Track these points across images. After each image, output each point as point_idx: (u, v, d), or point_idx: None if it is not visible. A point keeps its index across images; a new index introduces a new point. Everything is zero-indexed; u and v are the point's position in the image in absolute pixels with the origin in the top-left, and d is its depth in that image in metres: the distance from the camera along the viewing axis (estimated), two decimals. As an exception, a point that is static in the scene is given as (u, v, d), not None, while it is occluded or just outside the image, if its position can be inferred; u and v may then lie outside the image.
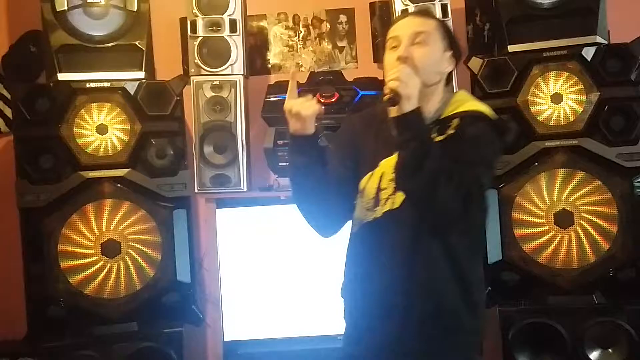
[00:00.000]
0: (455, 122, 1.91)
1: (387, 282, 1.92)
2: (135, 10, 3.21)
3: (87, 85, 3.18)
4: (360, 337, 1.99)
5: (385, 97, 1.81)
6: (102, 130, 3.18)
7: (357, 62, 3.81)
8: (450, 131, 1.90)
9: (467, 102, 1.98)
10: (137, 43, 3.22)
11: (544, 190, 3.11)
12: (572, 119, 3.11)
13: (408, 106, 1.79)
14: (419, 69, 1.87)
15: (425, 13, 2.11)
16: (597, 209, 3.07)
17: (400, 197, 1.89)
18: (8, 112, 3.68)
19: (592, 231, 3.06)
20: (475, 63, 3.17)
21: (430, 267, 1.90)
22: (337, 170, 2.01)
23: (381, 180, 1.93)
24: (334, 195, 2.01)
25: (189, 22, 3.21)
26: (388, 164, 1.91)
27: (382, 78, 3.49)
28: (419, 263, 1.90)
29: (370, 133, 2.01)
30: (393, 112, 1.81)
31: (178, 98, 3.23)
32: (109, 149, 3.19)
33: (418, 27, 1.93)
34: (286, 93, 2.02)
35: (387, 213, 1.91)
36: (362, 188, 1.97)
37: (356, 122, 2.11)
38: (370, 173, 1.96)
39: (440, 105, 1.97)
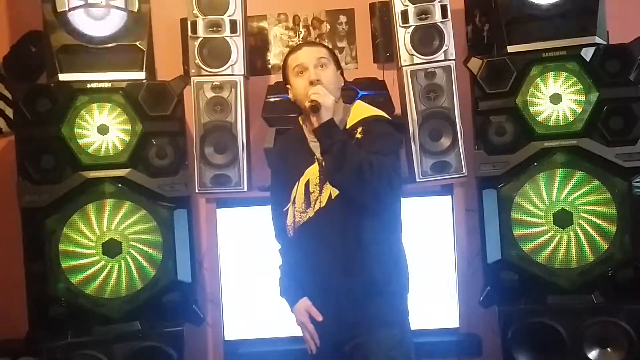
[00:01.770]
0: (360, 129, 2.31)
1: (326, 268, 2.30)
2: (135, 10, 3.21)
3: (88, 85, 3.18)
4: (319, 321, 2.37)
5: (309, 105, 2.25)
6: (103, 130, 3.19)
7: (357, 62, 3.82)
8: (358, 135, 2.30)
9: (366, 110, 2.38)
10: (137, 43, 3.22)
11: (543, 190, 3.12)
12: (571, 119, 3.12)
13: (326, 116, 2.24)
14: (328, 87, 2.30)
15: (317, 43, 2.52)
16: (596, 208, 3.08)
17: (325, 196, 2.29)
18: (9, 112, 3.70)
19: (591, 231, 3.08)
20: (475, 63, 3.18)
21: (357, 248, 2.27)
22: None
23: (308, 185, 2.32)
24: None
25: (189, 23, 3.21)
26: (312, 171, 2.33)
27: (382, 78, 3.53)
28: (348, 247, 2.28)
29: (292, 150, 2.42)
30: (314, 123, 2.26)
31: (178, 98, 3.24)
32: (110, 149, 3.19)
33: (318, 54, 2.36)
34: (286, 93, 2.29)
35: (317, 212, 2.31)
36: (293, 197, 2.36)
37: (280, 151, 2.57)
38: (298, 182, 2.34)
39: (343, 116, 2.38)
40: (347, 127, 2.36)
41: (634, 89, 3.07)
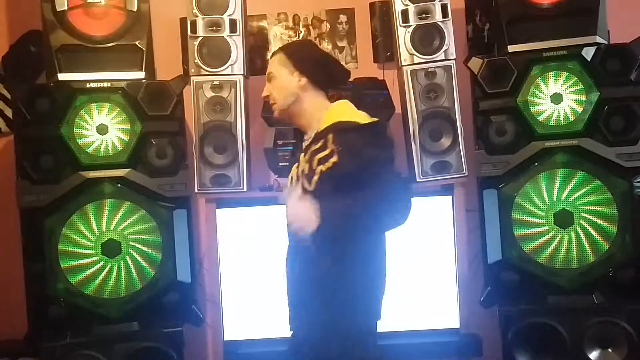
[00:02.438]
0: (330, 137, 2.16)
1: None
2: (135, 10, 3.21)
3: (88, 85, 3.18)
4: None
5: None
6: (102, 130, 3.18)
7: (357, 62, 3.81)
8: (330, 146, 2.14)
9: (336, 114, 2.24)
10: (137, 43, 3.22)
11: (544, 190, 3.11)
12: (572, 119, 3.12)
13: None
14: (275, 97, 2.34)
15: (275, 52, 2.43)
16: (596, 208, 3.07)
17: None
18: (8, 112, 3.69)
19: (591, 231, 3.07)
20: (475, 63, 3.17)
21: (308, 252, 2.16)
22: None
23: (292, 182, 2.28)
24: None
25: (189, 22, 3.21)
26: (294, 169, 2.29)
27: (382, 78, 3.53)
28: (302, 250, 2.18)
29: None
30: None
31: (178, 98, 3.23)
32: (109, 149, 3.19)
33: (269, 69, 2.37)
34: None
35: None
36: None
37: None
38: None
39: (319, 116, 2.28)
40: (320, 129, 2.25)
41: (635, 88, 3.07)
